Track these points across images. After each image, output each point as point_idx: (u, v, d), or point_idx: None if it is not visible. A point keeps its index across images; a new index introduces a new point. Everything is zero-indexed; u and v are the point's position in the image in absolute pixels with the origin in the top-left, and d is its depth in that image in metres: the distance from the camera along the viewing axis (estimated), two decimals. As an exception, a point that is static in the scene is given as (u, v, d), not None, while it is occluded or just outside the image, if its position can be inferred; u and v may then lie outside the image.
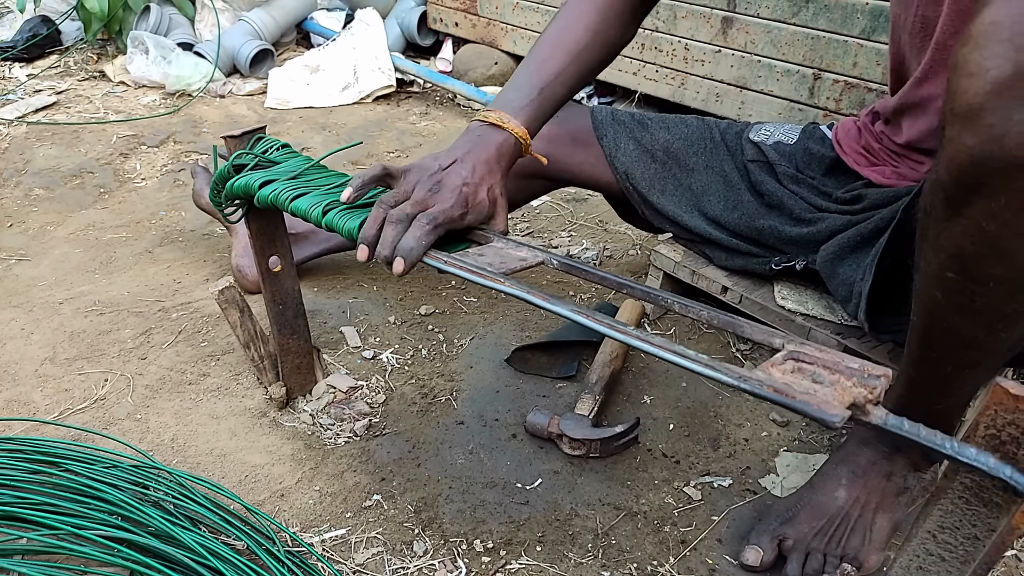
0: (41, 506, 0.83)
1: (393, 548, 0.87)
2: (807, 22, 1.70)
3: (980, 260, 0.59)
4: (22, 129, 2.08)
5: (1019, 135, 0.51)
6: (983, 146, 0.54)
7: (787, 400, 0.48)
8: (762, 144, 1.10)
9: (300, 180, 0.85)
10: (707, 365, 0.52)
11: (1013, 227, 0.56)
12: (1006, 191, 0.54)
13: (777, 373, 0.51)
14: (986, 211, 0.56)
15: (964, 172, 0.56)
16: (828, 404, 0.46)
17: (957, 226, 0.59)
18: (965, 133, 0.55)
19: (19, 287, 1.36)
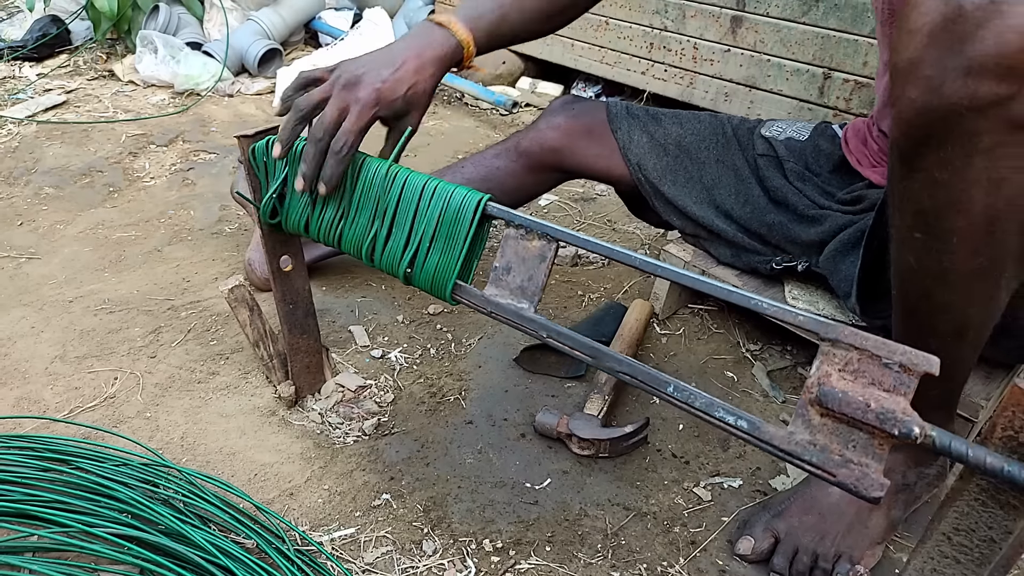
0: (52, 504, 0.83)
1: (402, 547, 0.86)
2: (817, 21, 1.70)
3: (940, 214, 0.61)
4: (32, 128, 2.09)
5: (954, 81, 0.54)
6: (924, 96, 0.56)
7: (827, 477, 0.50)
8: (773, 140, 1.12)
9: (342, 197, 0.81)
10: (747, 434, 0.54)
11: (963, 174, 0.58)
12: (951, 138, 0.57)
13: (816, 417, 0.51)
14: (937, 161, 0.58)
15: (912, 126, 0.59)
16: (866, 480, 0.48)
17: (915, 182, 0.61)
18: (908, 87, 0.57)
19: (29, 285, 1.37)
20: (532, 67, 2.56)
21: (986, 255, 0.61)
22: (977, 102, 0.54)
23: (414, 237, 0.75)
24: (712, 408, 0.56)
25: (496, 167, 1.24)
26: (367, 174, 0.79)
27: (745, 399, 1.11)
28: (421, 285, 0.76)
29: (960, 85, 0.54)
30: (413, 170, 0.78)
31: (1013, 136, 0.55)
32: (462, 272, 0.74)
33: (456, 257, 0.73)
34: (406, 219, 0.76)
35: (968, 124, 0.55)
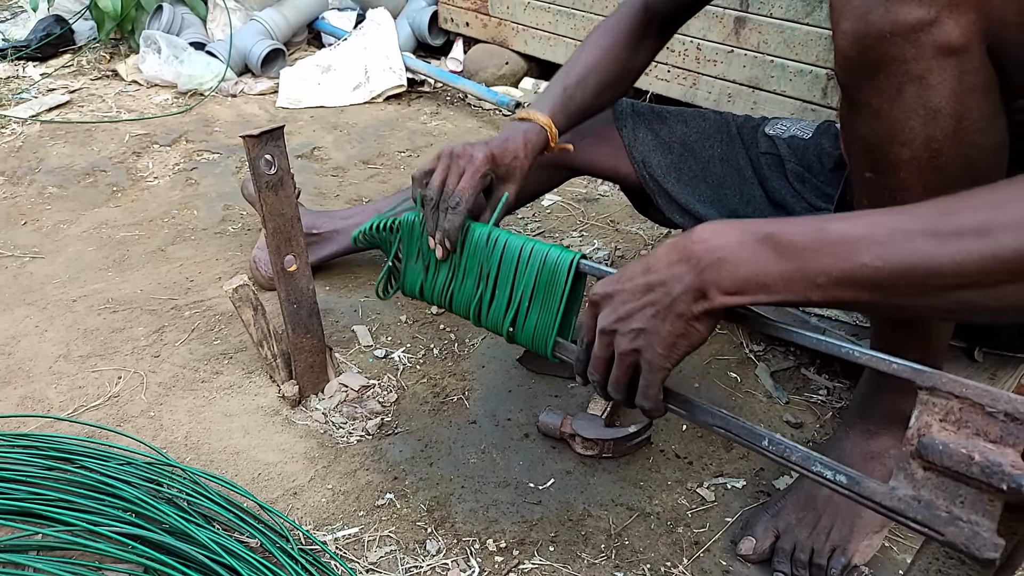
0: (56, 502, 0.83)
1: (406, 547, 0.86)
2: (821, 22, 1.70)
3: (885, 148, 0.63)
4: (36, 128, 2.09)
5: (878, 8, 0.58)
6: (854, 25, 0.60)
7: (935, 536, 0.46)
8: (776, 138, 1.12)
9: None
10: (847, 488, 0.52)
11: (899, 104, 0.60)
12: (883, 65, 0.59)
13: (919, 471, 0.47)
14: (873, 91, 0.61)
15: (847, 57, 0.61)
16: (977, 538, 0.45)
17: (859, 117, 0.64)
18: (842, 19, 0.61)
19: (33, 284, 1.37)
20: (535, 68, 2.56)
21: (936, 191, 0.61)
22: (899, 27, 0.57)
23: (515, 297, 0.80)
24: (808, 462, 0.54)
25: None
26: (471, 240, 0.85)
27: (748, 400, 1.11)
28: (523, 342, 0.81)
29: (883, 11, 0.57)
30: (513, 233, 0.83)
31: (939, 62, 0.57)
32: (561, 329, 0.78)
33: (554, 314, 0.77)
34: (507, 281, 0.81)
35: (895, 50, 0.58)
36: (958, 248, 0.46)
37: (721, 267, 0.54)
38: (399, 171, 1.93)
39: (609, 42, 1.03)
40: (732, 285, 0.54)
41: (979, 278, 0.46)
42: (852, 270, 0.49)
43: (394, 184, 1.83)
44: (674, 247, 0.58)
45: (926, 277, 0.47)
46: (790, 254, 0.52)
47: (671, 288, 0.57)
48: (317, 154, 2.02)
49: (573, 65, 1.02)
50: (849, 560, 0.81)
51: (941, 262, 0.47)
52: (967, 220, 0.46)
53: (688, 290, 0.56)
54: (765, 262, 0.52)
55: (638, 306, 0.59)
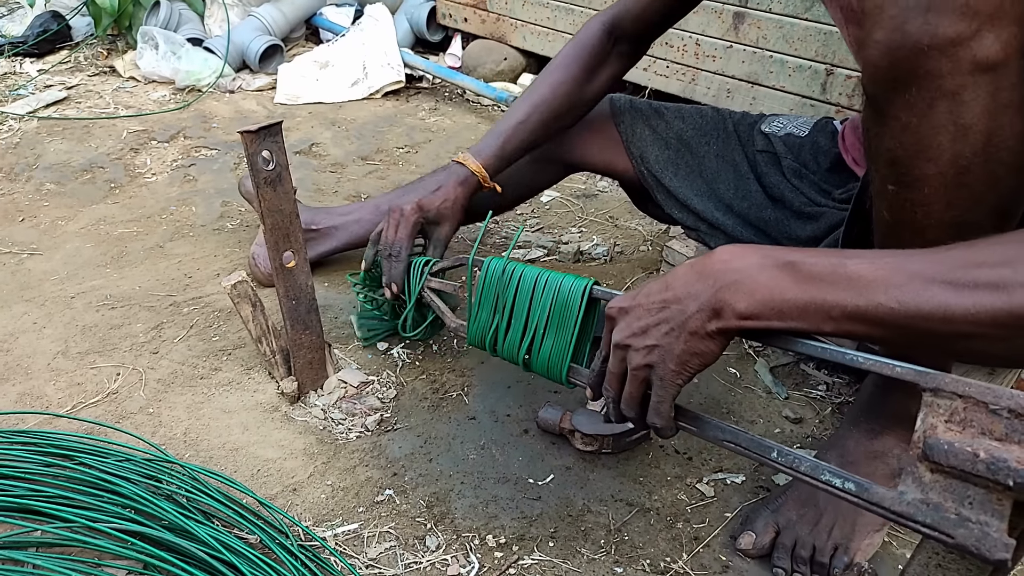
0: (55, 499, 0.83)
1: (405, 543, 0.86)
2: (820, 17, 1.69)
3: (911, 162, 0.61)
4: (33, 124, 2.09)
5: (916, 19, 0.55)
6: (889, 36, 0.57)
7: (944, 539, 0.46)
8: (772, 136, 1.12)
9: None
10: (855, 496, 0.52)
11: (929, 119, 0.58)
12: (916, 79, 0.57)
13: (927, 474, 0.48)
14: (904, 105, 0.59)
15: (878, 68, 0.59)
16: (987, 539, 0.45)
17: (885, 129, 0.62)
18: (874, 29, 0.58)
19: (31, 281, 1.37)
20: (534, 64, 2.56)
21: (959, 207, 0.61)
22: (938, 40, 0.54)
23: (530, 326, 0.81)
24: (817, 471, 0.55)
25: None
26: (487, 273, 0.87)
27: (748, 395, 1.11)
28: (539, 370, 0.82)
29: (921, 22, 0.55)
30: (528, 265, 0.85)
31: (975, 78, 0.55)
32: (576, 354, 0.79)
33: (568, 340, 0.78)
34: (522, 310, 0.82)
35: (931, 64, 0.56)
36: (974, 300, 0.47)
37: (739, 289, 0.55)
38: (397, 167, 1.93)
39: (561, 77, 1.09)
40: (747, 308, 0.55)
41: (991, 330, 0.47)
42: (867, 308, 0.50)
43: (392, 180, 1.83)
44: (693, 266, 0.59)
45: (939, 324, 0.49)
46: (809, 284, 0.53)
47: (687, 306, 0.58)
48: (315, 150, 2.01)
49: (521, 103, 1.11)
50: (852, 559, 0.81)
51: (955, 312, 0.48)
52: (985, 274, 0.48)
53: (703, 308, 0.56)
54: (783, 289, 0.53)
55: (653, 322, 0.60)
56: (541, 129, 1.10)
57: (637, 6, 1.06)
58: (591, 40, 1.08)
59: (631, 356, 0.62)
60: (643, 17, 1.06)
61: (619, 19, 1.08)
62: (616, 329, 0.64)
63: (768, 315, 0.54)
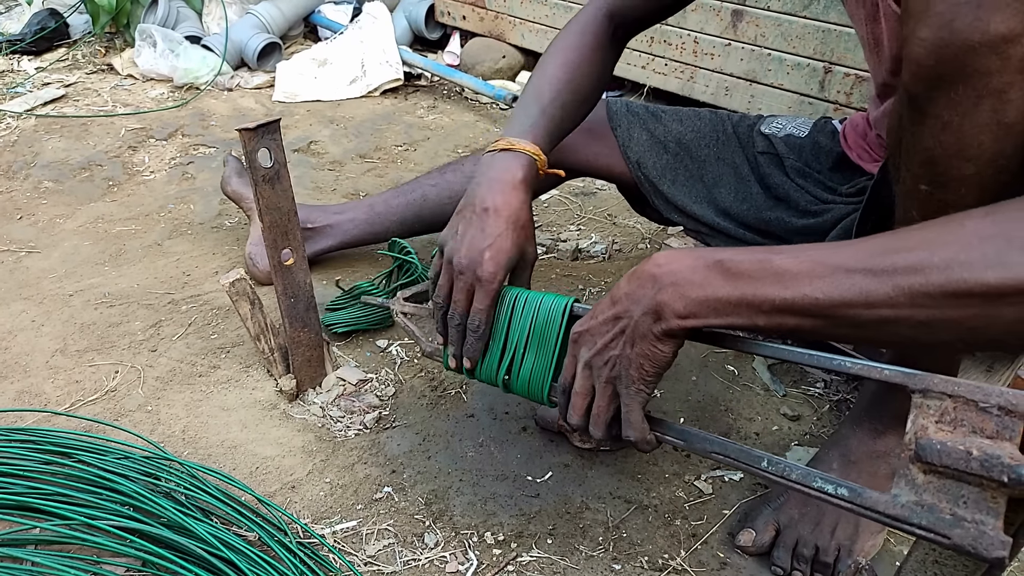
0: (54, 496, 0.83)
1: (404, 540, 0.87)
2: (818, 15, 1.69)
3: (949, 162, 0.60)
4: (31, 122, 2.08)
5: (966, 16, 0.53)
6: (936, 34, 0.55)
7: (941, 540, 0.46)
8: (772, 137, 1.12)
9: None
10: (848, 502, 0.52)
11: (974, 117, 0.57)
12: (963, 77, 0.55)
13: (920, 476, 0.48)
14: (947, 103, 0.57)
15: (923, 66, 0.57)
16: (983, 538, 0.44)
17: (924, 128, 0.60)
18: (920, 26, 0.56)
19: (29, 279, 1.37)
20: (532, 62, 2.55)
21: None
22: (989, 37, 0.53)
23: (509, 346, 0.79)
24: (809, 479, 0.55)
25: None
26: None
27: (746, 393, 1.11)
28: (519, 390, 0.79)
29: (972, 19, 0.53)
30: (505, 286, 0.81)
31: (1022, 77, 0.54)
32: (556, 374, 0.76)
33: (549, 359, 0.76)
34: (500, 332, 0.79)
35: (979, 62, 0.54)
36: (892, 284, 0.49)
37: (675, 290, 0.58)
38: (396, 165, 1.92)
39: (577, 57, 0.96)
40: (685, 307, 0.57)
41: (911, 312, 0.49)
42: (795, 299, 0.53)
43: (391, 178, 1.83)
44: (634, 275, 0.62)
45: (863, 310, 0.50)
46: (738, 281, 0.55)
47: (633, 312, 0.61)
48: (314, 148, 2.01)
49: (543, 83, 0.93)
50: (854, 560, 0.81)
51: (876, 297, 0.50)
52: (903, 258, 0.49)
53: (648, 312, 0.59)
54: (715, 287, 0.56)
55: (610, 337, 0.63)
56: (574, 111, 0.96)
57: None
58: (596, 22, 1.01)
59: (596, 373, 0.65)
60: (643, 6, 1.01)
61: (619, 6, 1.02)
62: (580, 352, 0.66)
63: (704, 313, 0.57)
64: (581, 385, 0.67)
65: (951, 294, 0.47)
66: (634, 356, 0.61)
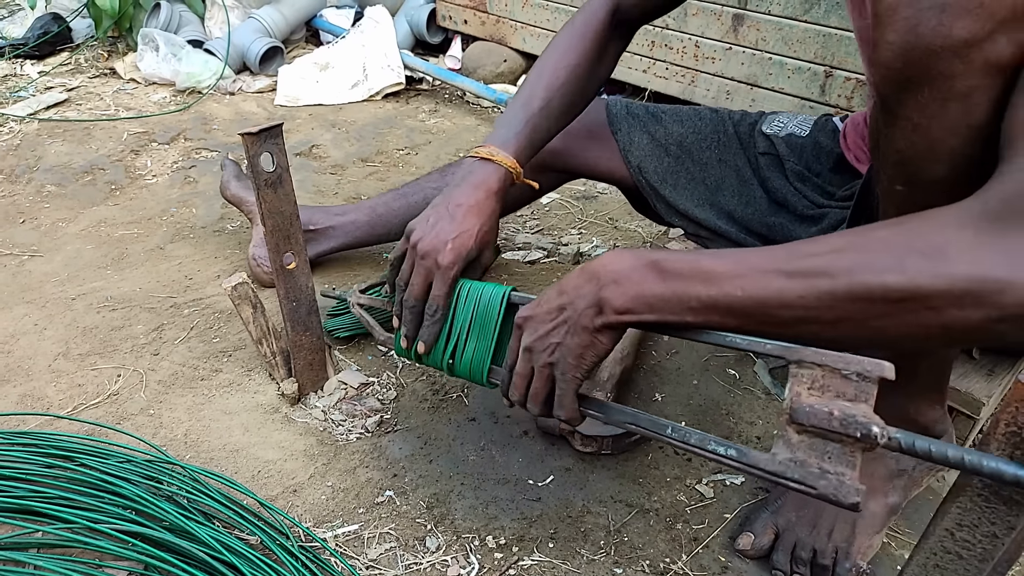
0: (56, 500, 0.83)
1: (406, 544, 0.87)
2: (818, 19, 1.70)
3: (921, 163, 0.61)
4: (34, 126, 2.09)
5: (930, 20, 0.55)
6: (902, 37, 0.57)
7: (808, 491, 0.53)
8: (774, 137, 1.11)
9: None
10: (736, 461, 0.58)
11: (940, 120, 0.58)
12: (929, 80, 0.57)
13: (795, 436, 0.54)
14: (916, 106, 0.59)
15: (891, 69, 0.59)
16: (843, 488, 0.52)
17: (896, 130, 0.62)
18: (887, 30, 0.58)
19: (32, 283, 1.37)
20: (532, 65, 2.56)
21: None
22: (951, 41, 0.54)
23: (453, 332, 0.83)
24: (705, 442, 0.61)
25: None
26: None
27: (747, 396, 1.11)
28: (461, 373, 0.84)
29: (936, 23, 0.55)
30: None
31: (987, 80, 0.55)
32: (495, 357, 0.82)
33: (489, 343, 0.81)
34: (447, 320, 0.84)
35: (943, 65, 0.56)
36: (804, 285, 0.54)
37: (615, 287, 0.62)
38: (397, 169, 1.93)
39: (575, 58, 0.99)
40: (622, 303, 0.62)
41: (820, 312, 0.53)
42: (718, 297, 0.57)
43: (392, 182, 1.83)
44: (582, 271, 0.66)
45: (778, 308, 0.55)
46: (670, 279, 0.60)
47: (577, 304, 0.65)
48: (315, 152, 2.02)
49: (536, 85, 0.96)
50: (854, 562, 0.81)
51: (789, 297, 0.54)
52: (814, 262, 0.54)
53: (590, 305, 0.64)
54: (650, 285, 0.61)
55: (552, 325, 0.68)
56: (562, 115, 0.99)
57: None
58: (597, 20, 1.01)
59: (536, 357, 0.69)
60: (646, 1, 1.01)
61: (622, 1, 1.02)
62: (524, 336, 0.71)
63: (640, 309, 0.61)
64: (521, 367, 0.71)
65: (856, 296, 0.52)
66: (574, 345, 0.66)
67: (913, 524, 0.91)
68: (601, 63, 1.02)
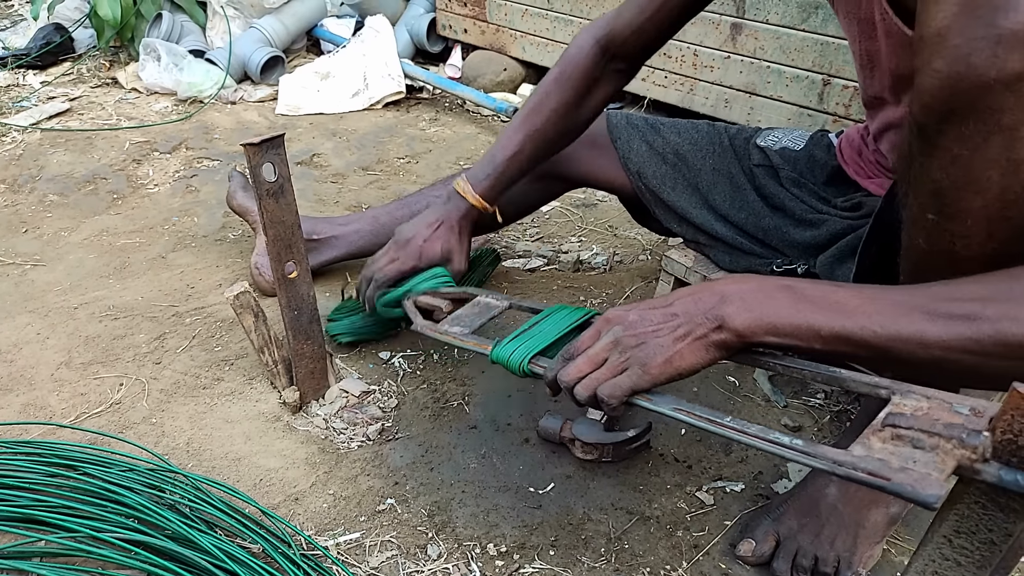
0: (59, 509, 0.84)
1: (407, 552, 0.87)
2: (816, 28, 1.71)
3: (957, 194, 0.60)
4: (36, 136, 2.10)
5: (983, 51, 0.53)
6: (951, 67, 0.55)
7: (882, 483, 0.50)
8: (768, 149, 1.13)
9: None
10: (802, 452, 0.55)
11: (984, 152, 0.57)
12: (975, 112, 0.56)
13: (877, 443, 0.52)
14: (958, 137, 0.57)
15: (935, 98, 0.57)
16: (925, 481, 0.48)
17: (933, 160, 0.60)
18: (934, 58, 0.56)
19: (34, 292, 1.38)
20: (533, 74, 2.57)
21: (999, 240, 0.61)
22: (1005, 74, 0.53)
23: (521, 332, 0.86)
24: (766, 432, 0.59)
25: None
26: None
27: (747, 404, 1.11)
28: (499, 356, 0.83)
29: (989, 55, 0.53)
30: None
31: None
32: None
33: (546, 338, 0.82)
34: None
35: (993, 99, 0.54)
36: (947, 329, 0.54)
37: (742, 305, 0.62)
38: (398, 177, 1.94)
39: (554, 104, 1.08)
40: (746, 322, 0.61)
41: (959, 356, 0.54)
42: (853, 330, 0.57)
43: (393, 190, 1.84)
44: (701, 287, 0.66)
45: (916, 348, 0.55)
46: (803, 306, 0.60)
47: (694, 315, 0.64)
48: (316, 161, 2.03)
49: (515, 131, 1.09)
50: (855, 571, 0.82)
51: (930, 338, 0.55)
52: (958, 307, 0.54)
53: (709, 318, 0.63)
54: (779, 308, 0.60)
55: (656, 327, 0.66)
56: (535, 159, 1.12)
57: (631, 20, 1.02)
58: (583, 59, 1.05)
59: (622, 348, 0.67)
60: (638, 31, 1.02)
61: (613, 34, 1.04)
62: (613, 329, 0.69)
63: (763, 331, 0.61)
64: (596, 353, 0.69)
65: (1000, 344, 0.52)
66: (674, 351, 0.64)
67: (912, 531, 0.91)
68: (584, 106, 1.10)
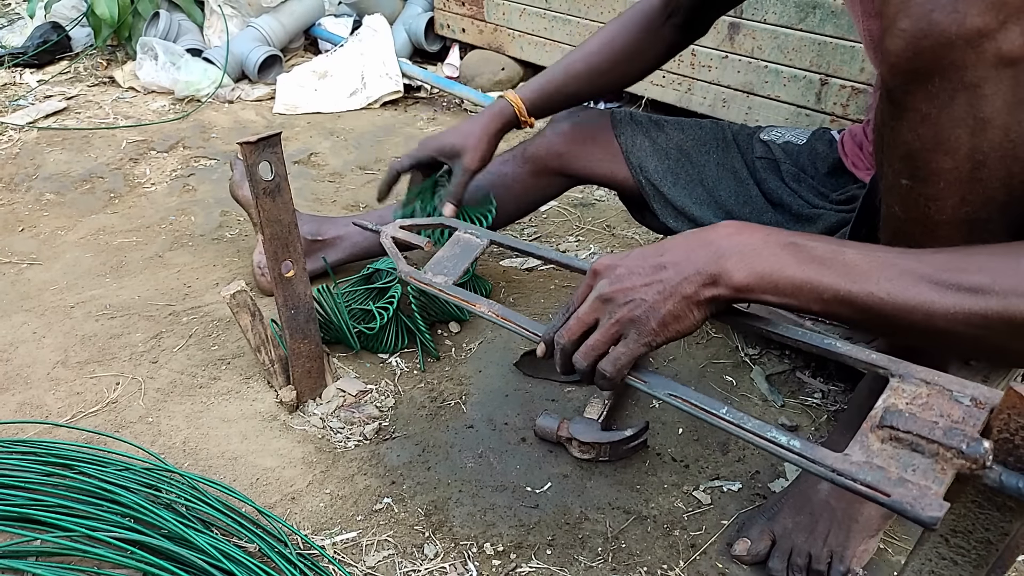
0: (55, 508, 0.84)
1: (404, 551, 0.87)
2: (814, 28, 1.71)
3: (927, 155, 0.61)
4: (33, 134, 2.09)
5: (944, 7, 0.54)
6: (915, 25, 0.56)
7: (883, 499, 0.47)
8: (771, 143, 1.15)
9: None
10: (799, 454, 0.53)
11: (950, 110, 0.57)
12: (940, 70, 0.56)
13: (876, 443, 0.50)
14: (925, 96, 0.58)
15: (900, 58, 0.58)
16: (924, 499, 0.45)
17: (903, 122, 0.61)
18: (899, 17, 0.57)
19: (31, 291, 1.37)
20: (531, 74, 2.57)
21: (972, 204, 0.61)
22: (965, 30, 0.54)
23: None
24: (764, 430, 0.56)
25: (504, 173, 1.27)
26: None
27: (744, 403, 1.11)
28: None
29: (950, 11, 0.54)
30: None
31: (996, 73, 0.55)
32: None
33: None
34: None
35: (955, 56, 0.55)
36: (954, 301, 0.52)
37: (740, 260, 0.58)
38: (396, 177, 1.93)
39: (616, 36, 1.12)
40: (745, 278, 0.57)
41: (964, 329, 0.53)
42: (858, 294, 0.55)
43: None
44: (695, 235, 0.62)
45: (921, 318, 0.53)
46: (808, 265, 0.56)
47: (684, 269, 0.60)
48: (314, 160, 2.02)
49: (573, 54, 1.14)
50: (848, 566, 0.82)
51: (936, 309, 0.53)
52: (967, 279, 0.53)
53: (701, 273, 0.59)
54: (783, 265, 0.57)
55: (644, 281, 0.61)
56: (587, 81, 1.14)
57: None
58: (649, 8, 1.10)
59: (612, 308, 0.63)
60: None
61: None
62: (602, 283, 0.64)
63: (763, 288, 0.57)
64: (587, 313, 0.64)
65: (1006, 321, 0.51)
66: (665, 311, 0.60)
67: (909, 530, 0.91)
68: (644, 48, 1.13)
